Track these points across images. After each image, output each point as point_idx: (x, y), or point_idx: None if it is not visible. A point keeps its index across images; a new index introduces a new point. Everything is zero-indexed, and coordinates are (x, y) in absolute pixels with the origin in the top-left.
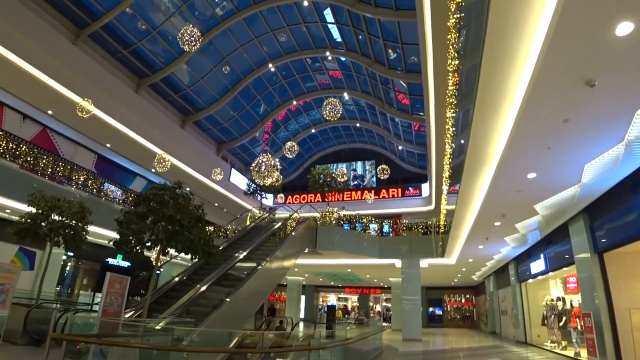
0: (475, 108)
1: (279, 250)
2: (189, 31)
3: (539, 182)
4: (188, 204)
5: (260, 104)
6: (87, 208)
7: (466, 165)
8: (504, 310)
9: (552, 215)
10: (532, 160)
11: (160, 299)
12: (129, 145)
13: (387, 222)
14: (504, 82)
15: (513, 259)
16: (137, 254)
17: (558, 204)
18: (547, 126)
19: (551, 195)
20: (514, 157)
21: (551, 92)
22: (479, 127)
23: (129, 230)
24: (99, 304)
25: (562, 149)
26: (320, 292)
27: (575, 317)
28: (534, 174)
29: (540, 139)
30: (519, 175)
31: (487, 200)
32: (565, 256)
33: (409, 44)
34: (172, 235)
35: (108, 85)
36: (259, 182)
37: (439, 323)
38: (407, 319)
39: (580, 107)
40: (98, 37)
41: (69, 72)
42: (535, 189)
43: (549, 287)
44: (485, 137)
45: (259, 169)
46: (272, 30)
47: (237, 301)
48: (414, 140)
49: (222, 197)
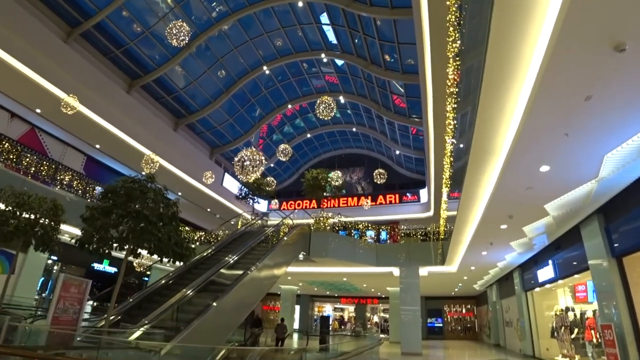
0: (480, 94)
1: (268, 257)
2: (178, 25)
3: (552, 177)
4: (159, 199)
5: (255, 107)
6: (60, 205)
7: (470, 161)
8: (509, 321)
9: (564, 217)
10: (545, 150)
11: (144, 304)
12: (120, 147)
13: (384, 229)
14: (515, 59)
15: (518, 266)
16: (103, 255)
17: (571, 203)
18: (565, 106)
19: (565, 192)
20: (526, 147)
21: (573, 63)
22: (485, 115)
23: (92, 227)
24: (49, 310)
25: (581, 135)
26: (316, 301)
27: (590, 328)
28: (547, 167)
29: (556, 124)
30: (530, 169)
31: (494, 200)
32: (577, 262)
33: (406, 44)
34: (138, 233)
35: (99, 85)
36: (242, 178)
37: (439, 335)
38: (406, 331)
39: (605, 79)
40: (90, 36)
41: (59, 70)
42: (548, 185)
43: (557, 296)
44: (492, 127)
45: (242, 164)
46: (266, 32)
47: (219, 311)
48: (411, 145)
49: (214, 202)
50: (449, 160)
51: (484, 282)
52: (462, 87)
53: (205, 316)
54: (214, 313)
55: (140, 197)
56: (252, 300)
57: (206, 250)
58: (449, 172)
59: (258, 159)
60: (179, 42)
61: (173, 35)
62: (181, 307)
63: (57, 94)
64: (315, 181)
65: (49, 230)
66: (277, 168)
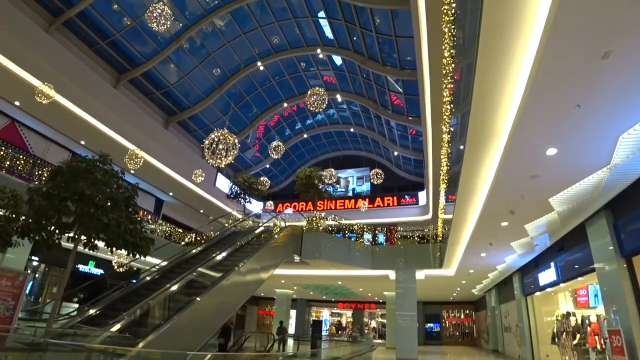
0: (477, 59)
1: (254, 258)
2: (159, 8)
3: (560, 162)
4: (108, 180)
5: (250, 106)
6: (20, 196)
7: (467, 144)
8: (508, 326)
9: (570, 213)
10: (553, 129)
11: (118, 304)
12: (106, 144)
13: (381, 232)
14: (518, 12)
15: (518, 269)
16: (52, 246)
17: (579, 195)
18: (577, 69)
19: (573, 182)
20: (531, 125)
21: (589, 7)
22: (484, 87)
23: (31, 212)
24: None
25: (594, 107)
26: (313, 306)
27: (594, 334)
28: (554, 150)
29: (567, 91)
30: (535, 153)
31: (494, 191)
32: (582, 264)
33: (403, 37)
34: (82, 218)
35: (84, 78)
36: (213, 163)
37: (437, 340)
38: (402, 336)
39: (625, 31)
40: (74, 25)
41: (39, 60)
42: (554, 173)
43: (558, 300)
44: (491, 104)
45: (212, 147)
46: (260, 26)
47: (195, 314)
48: (410, 146)
49: (207, 203)
50: (445, 153)
51: (483, 287)
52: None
53: (176, 319)
54: (188, 316)
55: (86, 177)
56: (235, 302)
57: (190, 250)
58: (446, 165)
59: (231, 142)
60: (160, 26)
61: (154, 19)
62: (153, 309)
63: (39, 85)
64: (308, 180)
65: (5, 225)
66: (273, 169)
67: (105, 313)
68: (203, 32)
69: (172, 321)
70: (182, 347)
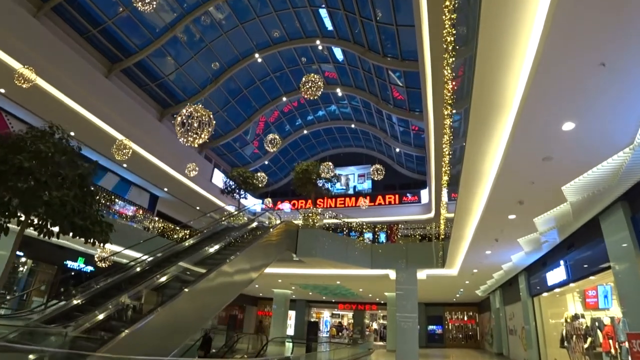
0: (481, 7)
1: (243, 254)
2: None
3: (577, 140)
4: (55, 153)
5: (248, 101)
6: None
7: (471, 121)
8: (513, 329)
9: (583, 204)
10: (571, 96)
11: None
12: (97, 136)
13: (382, 231)
14: None
15: (524, 269)
16: None
17: (595, 182)
18: (602, 15)
19: (590, 165)
20: (545, 92)
21: None
22: (489, 47)
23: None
24: None
25: (622, 70)
26: (312, 307)
27: (608, 337)
28: (571, 124)
29: (588, 47)
30: (549, 128)
31: (502, 177)
32: (595, 261)
33: (405, 26)
34: (22, 195)
35: (73, 67)
36: (184, 142)
37: (440, 343)
38: (402, 339)
39: None
40: (63, 11)
41: (26, 48)
42: (570, 154)
43: (566, 302)
44: (498, 69)
45: (183, 121)
46: (259, 16)
47: (173, 313)
48: (412, 142)
49: (203, 199)
50: (448, 140)
51: (487, 288)
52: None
53: (151, 318)
54: (161, 317)
55: (27, 148)
56: (220, 301)
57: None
58: (448, 155)
59: (207, 118)
60: (144, 5)
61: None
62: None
63: (23, 73)
64: (305, 174)
65: None
66: (272, 166)
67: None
68: (199, 23)
69: (146, 320)
70: (157, 349)
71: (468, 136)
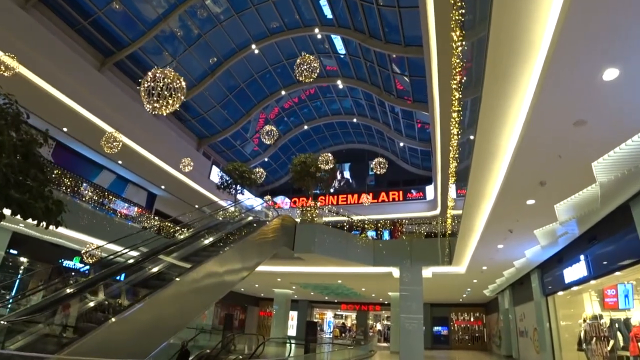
0: None
1: (232, 249)
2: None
3: (620, 94)
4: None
5: (247, 95)
6: None
7: (487, 74)
8: (523, 330)
9: (614, 186)
10: (615, 34)
11: None
12: (91, 132)
13: (386, 228)
14: None
15: (537, 266)
16: None
17: (631, 158)
18: None
19: (632, 132)
20: (583, 27)
21: None
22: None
23: None
24: None
25: None
26: (315, 308)
27: (636, 340)
28: (615, 71)
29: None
30: (586, 76)
31: (522, 151)
32: (622, 255)
33: (407, 7)
34: None
35: (65, 60)
36: (149, 109)
37: (445, 344)
38: (407, 340)
39: None
40: (54, 4)
41: (16, 40)
42: (610, 117)
43: (583, 301)
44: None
45: (148, 85)
46: (254, 5)
47: (151, 311)
48: (416, 136)
49: (201, 197)
50: (457, 118)
51: (496, 287)
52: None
53: (126, 315)
54: (142, 312)
55: None
56: (203, 301)
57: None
58: (457, 136)
59: (178, 85)
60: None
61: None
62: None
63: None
64: (303, 167)
65: None
66: (273, 163)
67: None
68: (194, 14)
69: (120, 317)
70: (131, 350)
71: (483, 98)
